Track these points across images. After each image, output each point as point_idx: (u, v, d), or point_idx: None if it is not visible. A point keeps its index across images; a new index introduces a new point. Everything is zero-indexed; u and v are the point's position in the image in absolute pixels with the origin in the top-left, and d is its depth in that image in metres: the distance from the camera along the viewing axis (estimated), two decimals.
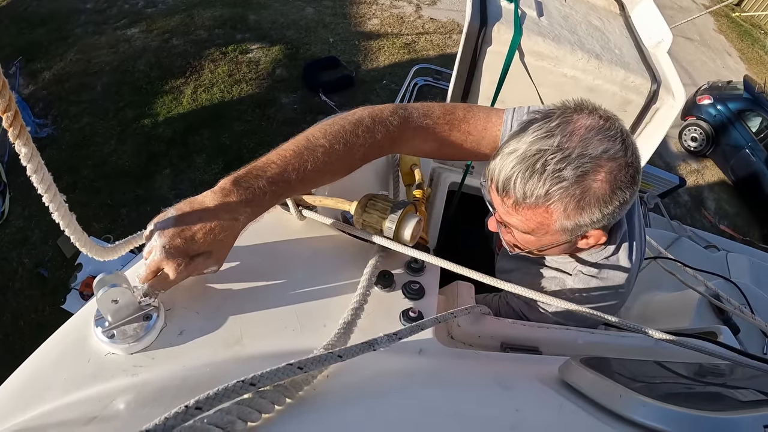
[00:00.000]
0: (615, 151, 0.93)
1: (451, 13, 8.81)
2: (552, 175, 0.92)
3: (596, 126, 0.94)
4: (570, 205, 0.95)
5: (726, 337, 1.53)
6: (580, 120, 0.95)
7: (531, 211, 0.99)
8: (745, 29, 12.95)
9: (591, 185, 0.93)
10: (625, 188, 0.96)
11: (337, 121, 1.05)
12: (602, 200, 0.95)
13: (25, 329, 4.41)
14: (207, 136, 5.90)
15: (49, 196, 0.76)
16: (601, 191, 0.94)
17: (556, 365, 0.85)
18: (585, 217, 0.97)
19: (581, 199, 0.94)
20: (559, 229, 1.01)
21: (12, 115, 0.65)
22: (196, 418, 0.49)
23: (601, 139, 0.93)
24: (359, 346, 0.69)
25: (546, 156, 0.92)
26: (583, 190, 0.93)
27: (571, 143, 0.92)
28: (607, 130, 0.94)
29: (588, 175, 0.92)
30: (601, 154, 0.92)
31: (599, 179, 0.93)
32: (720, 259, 2.94)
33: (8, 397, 0.72)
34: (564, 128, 0.94)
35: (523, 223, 1.04)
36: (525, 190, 0.95)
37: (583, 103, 1.00)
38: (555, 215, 0.97)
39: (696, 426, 0.60)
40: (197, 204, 0.87)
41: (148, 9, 7.83)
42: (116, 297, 0.78)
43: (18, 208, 5.15)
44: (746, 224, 7.62)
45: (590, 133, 0.93)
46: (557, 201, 0.95)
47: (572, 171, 0.92)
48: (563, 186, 0.93)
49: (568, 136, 0.93)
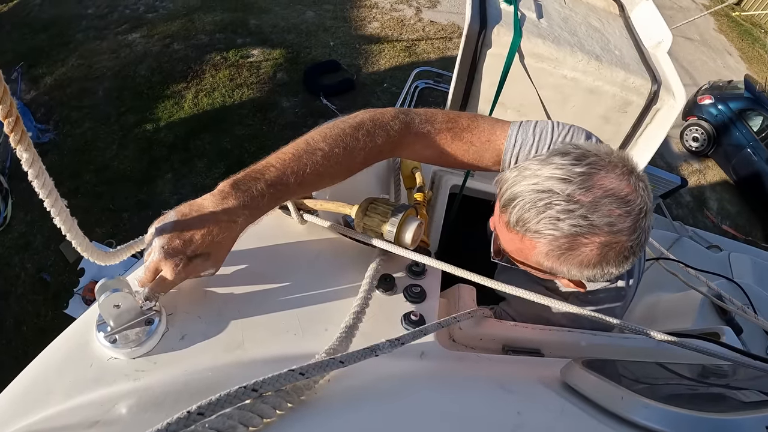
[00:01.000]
0: (620, 228, 0.89)
1: (451, 16, 8.83)
2: (549, 220, 0.90)
3: (616, 194, 0.89)
4: (553, 253, 0.94)
5: (728, 338, 1.53)
6: (606, 179, 0.90)
7: (517, 237, 0.98)
8: (746, 28, 12.95)
9: (580, 247, 0.91)
10: (613, 265, 0.93)
11: (338, 125, 1.05)
12: (584, 264, 0.93)
13: (28, 334, 4.43)
14: (208, 141, 5.92)
15: (51, 201, 0.76)
16: (587, 257, 0.92)
17: (558, 367, 0.85)
18: (563, 268, 0.96)
19: (564, 253, 0.93)
20: (535, 263, 1.00)
21: (13, 120, 0.65)
22: (197, 423, 0.49)
23: (611, 210, 0.88)
24: (361, 351, 0.69)
25: (553, 199, 0.90)
26: (569, 248, 0.92)
27: (583, 199, 0.88)
28: (626, 204, 0.89)
29: (581, 237, 0.90)
30: (604, 226, 0.88)
31: (590, 247, 0.91)
32: (722, 260, 2.94)
33: (11, 402, 0.72)
34: (585, 180, 0.89)
35: (507, 243, 1.04)
36: (519, 218, 0.94)
37: (626, 159, 0.94)
38: (537, 250, 0.96)
39: (698, 428, 0.60)
40: (196, 206, 0.88)
41: (149, 14, 7.86)
42: (118, 302, 0.78)
43: (20, 214, 5.17)
44: (748, 224, 7.61)
45: (606, 198, 0.88)
46: (544, 242, 0.93)
47: (568, 226, 0.89)
48: (554, 235, 0.91)
49: (584, 190, 0.89)
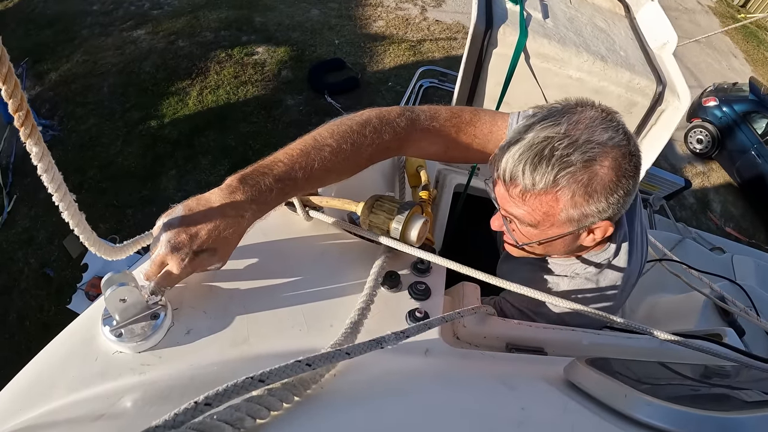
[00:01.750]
0: (619, 139, 0.96)
1: (456, 15, 8.82)
2: (560, 161, 0.94)
3: (599, 116, 0.98)
4: (578, 192, 0.96)
5: (731, 339, 1.53)
6: (584, 111, 0.99)
7: (538, 200, 1.00)
8: (751, 31, 12.92)
9: (598, 171, 0.95)
10: (629, 176, 0.98)
11: (345, 122, 1.06)
12: (608, 188, 0.97)
13: (31, 329, 4.44)
14: (213, 138, 5.92)
15: (59, 195, 0.77)
16: (608, 178, 0.96)
17: (561, 366, 0.85)
18: (591, 206, 0.98)
19: (588, 185, 0.96)
20: (565, 219, 1.02)
21: (24, 114, 0.66)
22: (205, 415, 0.49)
23: (605, 128, 0.96)
24: (367, 343, 0.69)
25: (554, 142, 0.94)
26: (590, 176, 0.95)
27: (577, 130, 0.95)
28: (610, 120, 0.98)
29: (595, 160, 0.94)
30: (607, 141, 0.95)
31: (606, 165, 0.95)
32: (725, 261, 2.93)
33: (16, 395, 0.73)
34: (570, 117, 0.97)
35: (529, 215, 1.04)
36: (534, 176, 0.96)
37: (584, 99, 1.03)
38: (562, 203, 0.98)
39: (701, 425, 0.60)
40: (204, 201, 0.88)
41: (154, 11, 7.87)
42: (124, 296, 0.79)
43: (24, 209, 5.19)
44: (752, 226, 7.60)
45: (595, 122, 0.97)
46: (565, 187, 0.96)
47: (580, 155, 0.93)
48: (571, 171, 0.94)
49: (574, 123, 0.96)
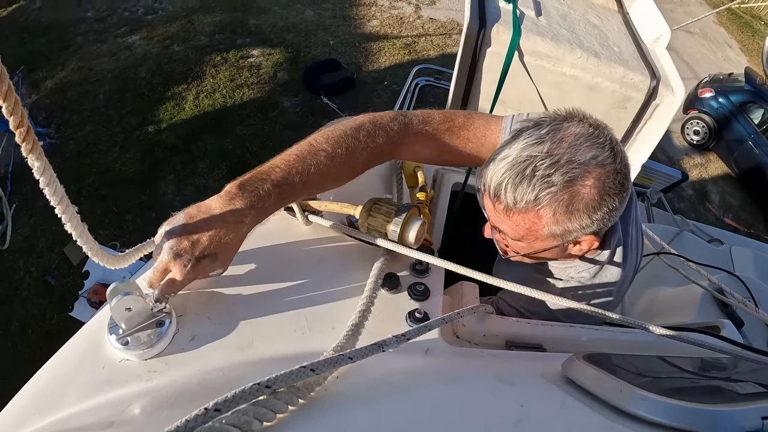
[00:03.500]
0: (604, 158, 0.95)
1: (450, 13, 8.82)
2: (541, 181, 0.94)
3: (585, 133, 0.96)
4: (559, 210, 0.97)
5: (729, 331, 1.55)
6: (570, 128, 0.97)
7: (521, 217, 1.01)
8: (746, 20, 12.91)
9: (579, 191, 0.95)
10: (613, 195, 0.97)
11: (339, 127, 1.08)
12: (590, 206, 0.97)
13: (33, 338, 4.44)
14: (210, 142, 5.92)
15: (62, 207, 0.78)
16: (590, 197, 0.96)
17: (559, 362, 0.86)
18: (574, 223, 0.99)
19: (569, 204, 0.96)
20: (548, 234, 1.03)
21: (25, 130, 0.67)
22: (215, 420, 0.51)
23: (589, 146, 0.95)
24: (369, 347, 0.71)
25: (536, 162, 0.94)
26: (571, 196, 0.95)
27: (560, 149, 0.94)
28: (596, 137, 0.96)
29: (576, 180, 0.94)
30: (590, 160, 0.94)
31: (588, 185, 0.95)
32: (724, 253, 2.95)
33: (26, 404, 0.74)
34: (554, 135, 0.96)
35: (513, 230, 1.06)
36: (515, 195, 0.97)
37: (574, 111, 1.02)
38: (544, 220, 0.99)
39: (695, 418, 0.62)
40: (204, 208, 0.90)
41: (148, 16, 7.87)
42: (129, 305, 0.80)
43: (24, 217, 5.19)
44: (751, 217, 7.60)
45: (579, 140, 0.95)
46: (546, 206, 0.96)
47: (561, 176, 0.94)
48: (552, 191, 0.95)
49: (557, 142, 0.95)
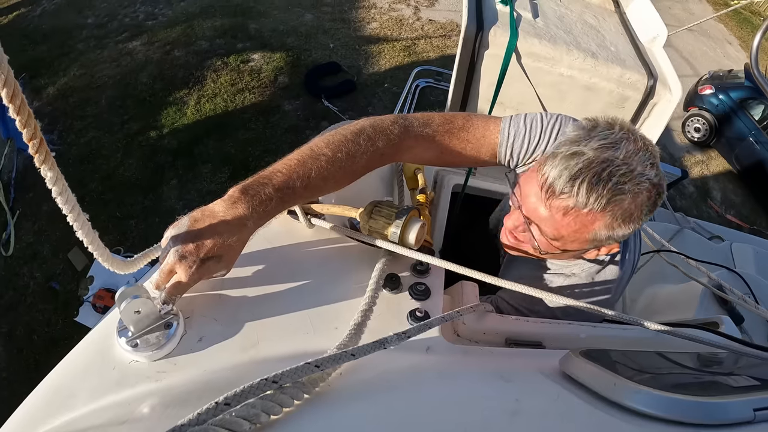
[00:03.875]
0: (659, 177, 1.00)
1: (449, 14, 8.83)
2: (615, 187, 0.95)
3: (643, 148, 1.00)
4: (618, 219, 1.00)
5: (727, 327, 1.56)
6: (634, 142, 1.00)
7: (579, 218, 1.01)
8: (745, 17, 12.90)
9: (639, 203, 0.99)
10: (649, 211, 1.02)
11: (340, 132, 1.10)
12: (637, 218, 1.01)
13: (39, 343, 4.47)
14: (212, 146, 5.95)
15: (74, 215, 0.80)
16: (641, 210, 1.00)
17: (557, 358, 0.89)
18: (619, 231, 1.02)
19: (630, 214, 1.00)
20: (591, 238, 1.05)
21: (38, 142, 0.70)
22: (225, 413, 0.53)
23: (652, 164, 0.99)
24: (371, 345, 0.73)
25: (612, 167, 0.95)
26: (634, 207, 0.99)
27: (633, 161, 0.97)
28: (652, 155, 1.00)
29: (642, 194, 0.98)
30: (653, 177, 0.99)
31: (644, 198, 0.99)
32: (724, 250, 2.95)
33: (36, 406, 0.77)
34: (627, 145, 0.98)
35: (557, 229, 1.06)
36: (589, 196, 0.96)
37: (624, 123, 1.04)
38: (598, 224, 1.01)
39: (687, 410, 0.64)
40: (208, 212, 0.93)
41: (149, 21, 7.90)
42: (138, 308, 0.82)
43: (27, 224, 5.22)
44: (753, 213, 7.60)
45: (644, 155, 0.99)
46: (610, 212, 0.99)
47: (632, 186, 0.96)
48: (620, 199, 0.97)
49: (631, 153, 0.97)
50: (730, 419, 0.66)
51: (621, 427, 0.67)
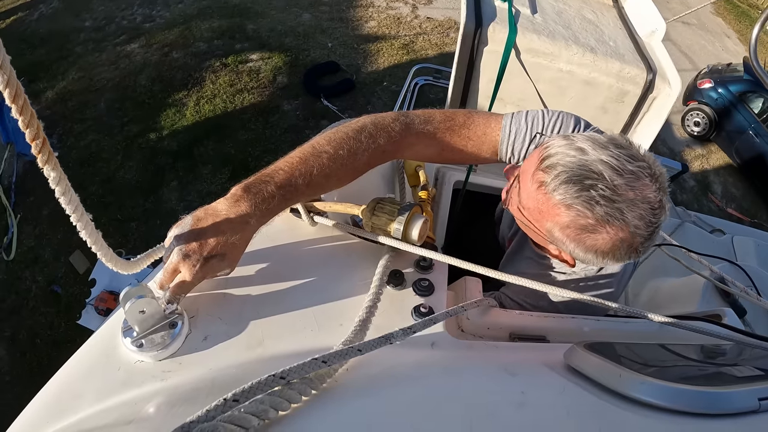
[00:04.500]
0: (641, 233, 0.94)
1: (447, 12, 8.82)
2: (588, 200, 0.92)
3: (652, 204, 0.93)
4: (572, 228, 0.97)
5: (730, 319, 1.56)
6: (648, 188, 0.93)
7: (544, 202, 0.99)
8: (743, 10, 12.89)
9: (599, 233, 0.95)
10: (613, 259, 0.98)
11: (341, 129, 1.10)
12: (591, 249, 0.97)
13: (42, 346, 4.47)
14: (212, 147, 5.94)
15: (77, 216, 0.81)
16: (599, 245, 0.96)
17: (562, 352, 0.89)
18: (570, 244, 1.00)
19: (582, 233, 0.96)
20: (545, 228, 1.03)
21: (41, 142, 0.70)
22: (234, 409, 0.54)
23: (641, 216, 0.92)
24: (377, 340, 0.73)
25: (600, 183, 0.91)
26: (591, 230, 0.95)
27: (625, 195, 0.91)
28: (654, 215, 0.94)
29: (608, 225, 0.93)
30: (632, 225, 0.92)
31: (608, 236, 0.94)
32: (726, 243, 2.96)
33: (42, 408, 0.77)
34: (632, 180, 0.92)
35: (529, 197, 1.04)
36: (559, 186, 0.95)
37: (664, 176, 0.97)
38: (558, 219, 0.98)
39: (692, 400, 0.64)
40: (211, 210, 0.94)
41: (146, 24, 7.90)
42: (143, 307, 0.83)
43: (28, 228, 5.22)
44: (754, 206, 7.60)
45: (643, 204, 0.92)
46: (571, 215, 0.95)
47: (602, 212, 0.92)
48: (584, 215, 0.93)
49: (629, 188, 0.92)
50: (734, 409, 0.67)
51: (627, 418, 0.67)
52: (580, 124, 1.22)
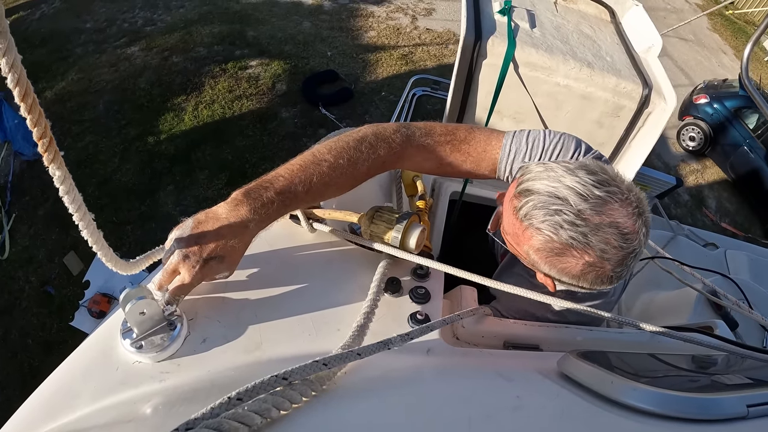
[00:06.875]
0: (609, 257, 0.93)
1: (446, 23, 8.88)
2: (553, 224, 0.93)
3: (621, 228, 0.92)
4: (542, 251, 0.97)
5: (721, 331, 1.58)
6: (617, 211, 0.93)
7: (519, 224, 1.00)
8: (740, 26, 13.01)
9: (567, 257, 0.95)
10: (588, 283, 0.99)
11: (342, 138, 1.12)
12: (564, 272, 0.98)
13: (33, 347, 4.45)
14: (209, 152, 5.94)
15: (80, 215, 0.82)
16: (569, 268, 0.97)
17: (555, 360, 0.90)
18: (545, 267, 1.00)
19: (552, 256, 0.97)
20: (524, 251, 1.04)
21: (47, 141, 0.72)
22: (237, 407, 0.55)
23: (608, 240, 0.92)
24: (375, 345, 0.75)
25: (564, 208, 0.92)
26: (559, 253, 0.96)
27: (590, 220, 0.92)
28: (624, 240, 0.93)
29: (573, 249, 0.94)
30: (597, 249, 0.92)
31: (576, 260, 0.95)
32: (719, 257, 2.97)
33: (38, 406, 0.78)
34: (598, 204, 0.93)
35: (508, 224, 1.06)
36: (528, 212, 0.96)
37: (640, 201, 0.97)
38: (530, 242, 0.99)
39: (682, 405, 0.66)
40: (211, 214, 0.95)
41: (147, 27, 7.92)
42: (143, 309, 0.84)
43: (23, 227, 5.21)
44: (747, 221, 7.64)
45: (610, 228, 0.92)
46: (540, 239, 0.96)
47: (567, 236, 0.92)
48: (552, 238, 0.94)
49: (594, 213, 0.92)
50: (724, 414, 0.68)
51: (619, 423, 0.68)
52: (581, 148, 1.21)
